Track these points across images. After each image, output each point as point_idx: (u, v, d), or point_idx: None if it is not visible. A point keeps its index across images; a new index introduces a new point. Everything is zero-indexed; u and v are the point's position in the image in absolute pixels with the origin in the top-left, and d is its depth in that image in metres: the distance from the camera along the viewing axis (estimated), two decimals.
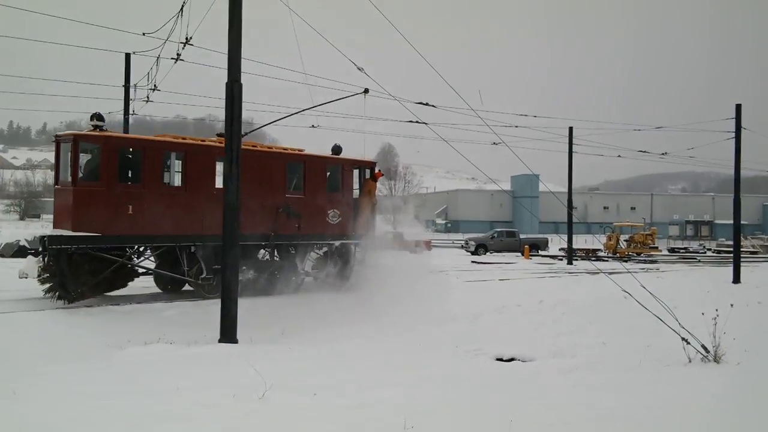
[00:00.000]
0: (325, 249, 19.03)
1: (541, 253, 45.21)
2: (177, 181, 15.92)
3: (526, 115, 26.74)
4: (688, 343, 8.80)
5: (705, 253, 52.51)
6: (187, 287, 17.06)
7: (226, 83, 11.10)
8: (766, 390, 7.38)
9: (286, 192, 17.55)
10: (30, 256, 14.91)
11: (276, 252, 17.82)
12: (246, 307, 13.15)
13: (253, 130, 18.40)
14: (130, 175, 15.15)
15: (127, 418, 5.97)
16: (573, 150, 35.56)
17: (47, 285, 14.55)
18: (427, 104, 18.62)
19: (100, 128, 14.80)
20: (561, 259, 39.47)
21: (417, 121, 18.11)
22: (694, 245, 63.67)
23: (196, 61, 19.28)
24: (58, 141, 14.89)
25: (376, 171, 20.30)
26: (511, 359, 9.75)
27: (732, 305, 10.69)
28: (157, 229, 15.15)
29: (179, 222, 15.37)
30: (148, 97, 22.94)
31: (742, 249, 42.68)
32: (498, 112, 24.36)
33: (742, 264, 26.16)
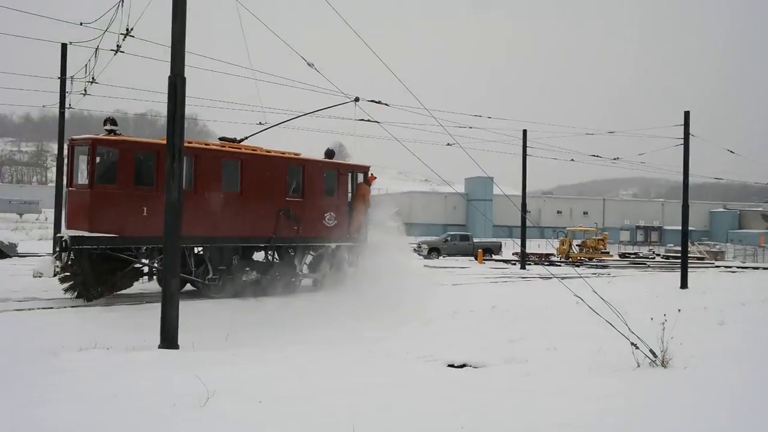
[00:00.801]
0: (320, 251, 20.05)
1: (494, 257, 45.78)
2: (188, 184, 16.58)
3: (480, 116, 27.07)
4: (637, 348, 9.02)
5: (654, 258, 53.97)
6: (188, 287, 17.92)
7: (169, 77, 10.89)
8: (710, 392, 7.62)
9: (286, 195, 18.61)
10: (45, 256, 16.03)
11: (275, 254, 18.96)
12: (241, 308, 14.65)
13: (256, 133, 19.29)
14: (144, 178, 15.97)
15: (59, 429, 5.78)
16: (527, 153, 36.12)
17: (67, 284, 15.65)
18: (379, 102, 18.65)
19: (114, 132, 15.77)
20: (514, 264, 40.03)
21: (369, 120, 18.12)
22: (644, 250, 65.44)
23: (137, 53, 18.89)
24: (73, 144, 15.81)
25: (370, 175, 21.16)
26: (463, 365, 9.82)
27: (679, 310, 10.99)
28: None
29: (189, 224, 15.84)
30: (85, 90, 22.35)
31: (689, 255, 44.16)
32: (452, 113, 24.60)
33: (689, 270, 27.00)
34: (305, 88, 17.41)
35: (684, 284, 25.50)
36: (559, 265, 41.02)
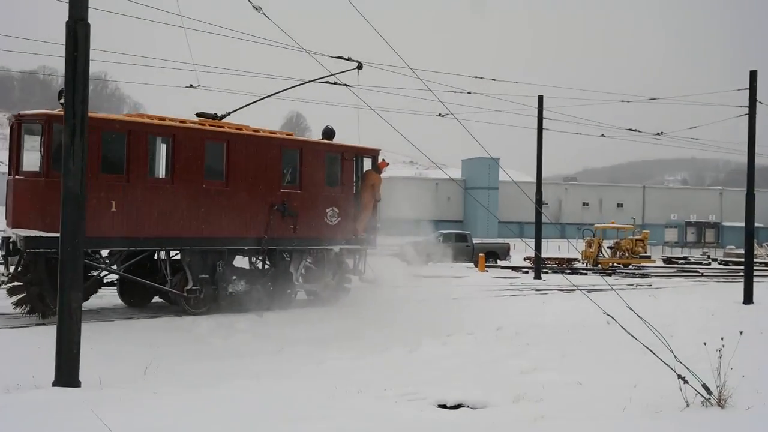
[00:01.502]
0: (319, 256, 20.97)
1: (500, 263, 46.03)
2: (166, 171, 17.51)
3: (482, 78, 27.11)
4: (686, 381, 9.09)
5: (709, 264, 54.67)
6: (156, 300, 19.16)
7: (67, 23, 10.72)
8: None
9: (280, 186, 19.31)
10: None
11: (267, 259, 19.80)
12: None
13: (243, 107, 20.19)
14: (113, 164, 16.56)
15: None
16: (543, 126, 36.27)
17: (18, 296, 16.25)
18: (349, 59, 18.60)
19: None
20: (526, 272, 40.24)
21: (336, 83, 18.07)
22: (696, 254, 66.16)
23: None
24: (19, 122, 16.31)
25: (380, 160, 21.87)
26: (458, 405, 9.84)
27: (741, 333, 11.09)
28: (141, 230, 16.78)
29: (165, 221, 16.98)
30: None
31: (756, 260, 44.66)
32: (446, 74, 24.59)
33: (756, 279, 27.27)
34: (251, 40, 17.30)
35: (748, 298, 25.74)
36: (585, 274, 41.30)
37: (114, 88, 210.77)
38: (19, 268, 16.13)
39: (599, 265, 46.73)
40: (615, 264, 47.62)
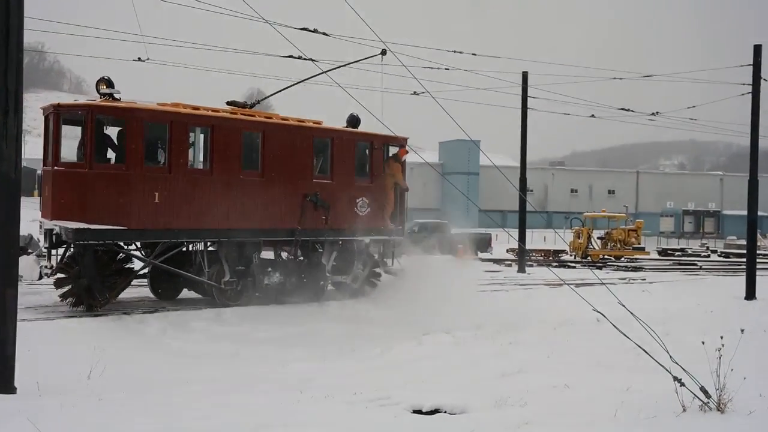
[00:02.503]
0: (349, 247, 22.30)
1: (481, 255, 46.17)
2: (204, 162, 18.99)
3: (460, 53, 27.11)
4: (683, 384, 9.16)
5: (708, 256, 55.16)
6: (185, 294, 20.67)
7: None
8: None
9: (312, 176, 20.72)
10: (26, 256, 18.17)
11: (299, 250, 21.09)
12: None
13: (273, 94, 21.86)
14: (155, 155, 18.09)
15: None
16: (528, 106, 36.40)
17: (65, 289, 17.40)
18: (315, 31, 18.55)
19: (113, 96, 17.44)
20: (510, 265, 40.44)
21: (301, 57, 17.99)
22: (694, 245, 66.78)
23: None
24: (57, 113, 17.39)
25: (399, 149, 23.04)
26: (435, 411, 9.86)
27: (743, 331, 11.21)
28: (182, 222, 18.19)
29: (205, 213, 18.48)
30: None
31: (760, 252, 45.12)
32: (421, 47, 24.58)
33: (759, 273, 27.55)
34: (206, 9, 17.17)
35: (751, 294, 26.01)
36: (574, 267, 41.61)
37: (53, 60, 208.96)
38: (65, 261, 17.62)
39: (589, 258, 47.03)
40: (606, 256, 47.94)
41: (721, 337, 9.55)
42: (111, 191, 17.06)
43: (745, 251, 29.50)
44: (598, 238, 49.60)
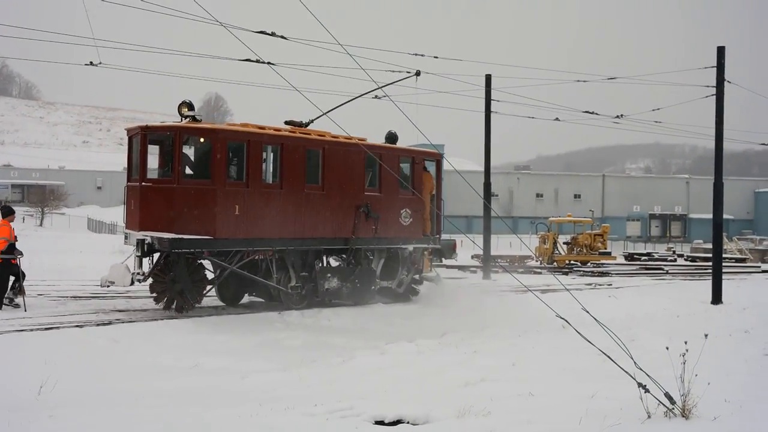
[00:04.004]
0: (394, 254, 24.91)
1: (445, 261, 46.22)
2: (275, 178, 21.17)
3: (422, 55, 27.20)
4: (647, 390, 9.25)
5: (675, 260, 55.76)
6: (245, 299, 23.38)
7: None
8: None
9: (364, 189, 23.26)
10: (117, 263, 19.94)
11: (352, 258, 23.41)
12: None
13: (328, 111, 22.41)
14: (235, 171, 20.33)
15: None
16: (491, 109, 36.60)
17: (160, 293, 20.17)
18: (272, 34, 18.50)
19: (195, 118, 19.79)
20: (474, 271, 40.59)
21: (258, 61, 17.94)
22: (660, 249, 67.45)
23: None
24: (144, 133, 19.76)
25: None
26: (397, 422, 9.86)
27: (706, 336, 11.34)
28: (257, 232, 20.48)
29: (277, 224, 20.83)
30: None
31: (726, 255, 45.66)
32: (381, 50, 24.62)
33: (725, 277, 27.86)
34: (161, 12, 17.07)
35: (717, 298, 26.31)
36: (539, 273, 41.81)
37: (1, 65, 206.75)
38: (157, 268, 19.96)
39: (555, 263, 47.33)
40: (572, 261, 48.28)
41: (686, 342, 9.66)
42: (198, 204, 19.42)
43: (710, 255, 29.83)
44: (564, 243, 49.95)
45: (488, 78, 36.43)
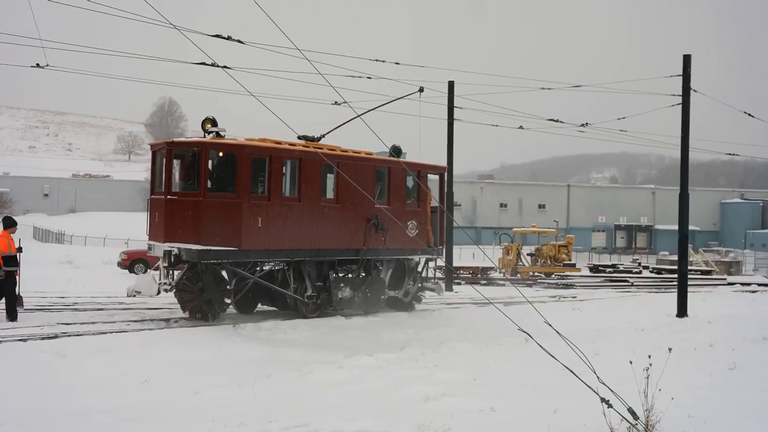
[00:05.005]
0: (400, 265, 26.57)
1: None
2: (293, 191, 22.58)
3: (383, 61, 27.24)
4: (610, 405, 9.31)
5: (640, 272, 56.22)
6: (259, 308, 24.73)
7: None
8: None
9: (374, 202, 24.34)
10: (143, 274, 21.93)
11: (363, 268, 24.91)
12: None
13: (339, 126, 24.19)
14: (258, 184, 21.60)
15: None
16: (454, 117, 36.68)
17: (191, 303, 21.64)
18: (228, 38, 18.47)
19: (219, 134, 20.98)
20: (436, 283, 40.64)
21: (213, 65, 17.90)
22: (626, 261, 68.00)
23: None
24: (170, 148, 21.15)
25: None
26: None
27: (670, 350, 11.45)
28: (277, 243, 21.87)
29: (296, 236, 22.24)
30: None
31: (691, 267, 46.12)
32: (342, 56, 24.63)
33: (690, 289, 28.15)
34: (111, 14, 16.96)
35: (682, 311, 26.53)
36: (503, 285, 41.97)
37: None
38: (184, 278, 21.25)
39: (518, 275, 47.57)
40: (536, 273, 48.55)
41: (649, 356, 9.73)
42: (223, 217, 20.67)
43: (676, 267, 30.09)
44: (528, 254, 50.22)
45: (451, 84, 36.54)
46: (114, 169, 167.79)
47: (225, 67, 17.77)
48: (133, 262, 45.63)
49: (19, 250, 20.30)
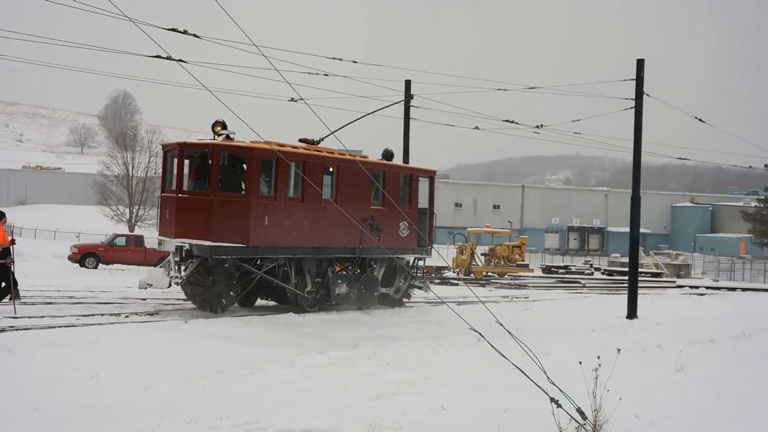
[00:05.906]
0: (393, 264, 28.09)
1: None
2: (297, 192, 24.05)
3: (341, 59, 27.22)
4: (559, 405, 9.41)
5: (592, 274, 56.77)
6: (259, 302, 26.48)
7: None
8: None
9: (370, 203, 26.32)
10: (153, 267, 21.91)
11: (358, 266, 26.69)
12: None
13: (335, 131, 23.90)
14: (265, 185, 23.00)
15: None
16: (411, 116, 36.73)
17: (201, 296, 22.83)
18: (185, 32, 18.35)
19: (228, 136, 22.17)
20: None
21: (169, 58, 17.77)
22: (578, 262, 68.61)
23: None
24: (182, 149, 22.66)
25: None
26: None
27: (619, 351, 11.57)
28: (282, 241, 23.36)
29: (298, 233, 23.74)
30: None
31: (641, 270, 46.66)
32: (299, 53, 24.59)
33: (640, 291, 28.49)
34: (58, 3, 16.77)
35: (632, 313, 26.90)
36: (456, 284, 42.17)
37: None
38: (195, 272, 22.15)
39: (472, 275, 47.78)
40: (489, 273, 48.80)
41: (598, 357, 9.84)
42: (233, 215, 22.06)
43: (627, 270, 30.44)
44: (481, 254, 50.45)
45: (408, 83, 36.49)
46: (66, 161, 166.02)
47: (180, 60, 17.65)
48: (84, 255, 45.29)
49: (12, 242, 20.47)
